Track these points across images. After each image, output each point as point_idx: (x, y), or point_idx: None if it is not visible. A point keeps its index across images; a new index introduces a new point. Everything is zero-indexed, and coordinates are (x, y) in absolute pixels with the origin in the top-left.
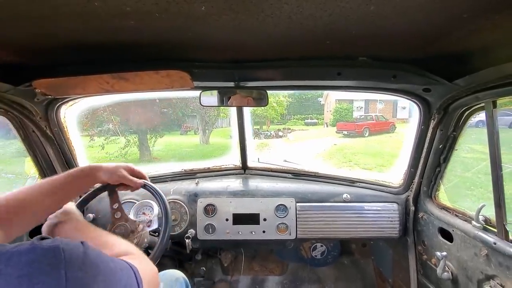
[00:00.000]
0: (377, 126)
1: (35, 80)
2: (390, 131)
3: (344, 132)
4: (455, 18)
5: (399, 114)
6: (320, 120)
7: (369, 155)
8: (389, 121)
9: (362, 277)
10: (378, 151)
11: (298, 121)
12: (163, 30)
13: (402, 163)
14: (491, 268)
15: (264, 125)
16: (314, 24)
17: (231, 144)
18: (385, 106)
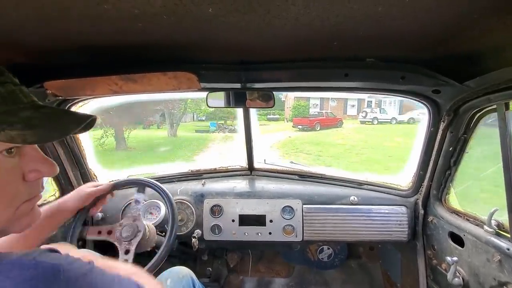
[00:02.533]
0: (327, 122)
1: (46, 81)
2: (338, 125)
3: (299, 127)
4: (465, 18)
5: (349, 111)
6: (281, 116)
7: (314, 144)
8: (337, 117)
9: (369, 281)
10: (321, 141)
11: (261, 116)
12: (171, 32)
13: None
14: (504, 274)
15: (228, 120)
16: (321, 25)
17: (199, 136)
18: (337, 104)
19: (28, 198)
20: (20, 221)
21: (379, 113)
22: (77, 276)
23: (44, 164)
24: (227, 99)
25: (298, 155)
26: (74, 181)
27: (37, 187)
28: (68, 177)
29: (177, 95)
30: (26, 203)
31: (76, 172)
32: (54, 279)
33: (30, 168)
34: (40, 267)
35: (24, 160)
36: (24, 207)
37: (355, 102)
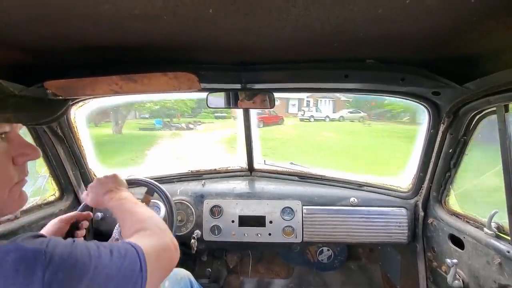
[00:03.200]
0: (269, 119)
1: (46, 81)
2: (279, 123)
3: None
4: (465, 20)
5: (290, 110)
6: (228, 114)
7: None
8: (278, 115)
9: (369, 282)
10: (262, 136)
11: (209, 114)
12: (171, 32)
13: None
14: (504, 277)
15: (175, 117)
16: (321, 27)
17: (145, 134)
18: (280, 103)
19: (18, 181)
20: (12, 203)
21: (315, 111)
22: (62, 255)
23: (29, 148)
24: (227, 100)
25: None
26: (74, 181)
27: (24, 170)
28: (68, 176)
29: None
30: (16, 185)
31: (76, 172)
32: (35, 262)
33: (18, 152)
34: (21, 250)
35: (12, 145)
36: (15, 189)
37: (296, 101)
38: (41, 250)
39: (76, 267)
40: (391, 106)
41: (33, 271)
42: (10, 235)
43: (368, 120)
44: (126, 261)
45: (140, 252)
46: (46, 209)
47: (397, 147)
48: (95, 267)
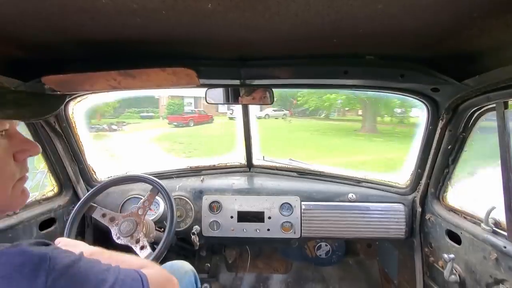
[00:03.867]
0: (199, 118)
1: (44, 76)
2: (210, 122)
3: (174, 123)
4: (464, 17)
5: (220, 109)
6: (156, 113)
7: (187, 136)
8: (208, 115)
9: (367, 277)
10: (193, 134)
11: (133, 114)
12: (170, 27)
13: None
14: (500, 272)
15: (94, 119)
16: (321, 22)
17: None
18: None
19: (20, 177)
20: (16, 199)
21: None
22: (66, 263)
23: (29, 144)
24: (226, 96)
25: (173, 145)
26: (73, 177)
27: (25, 167)
28: (66, 172)
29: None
30: (19, 181)
31: (75, 167)
32: (40, 266)
33: (18, 149)
34: (27, 255)
35: (12, 142)
36: (18, 186)
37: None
38: (45, 254)
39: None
40: (308, 104)
41: (37, 275)
42: (9, 231)
43: (290, 117)
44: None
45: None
46: (45, 204)
47: (305, 138)
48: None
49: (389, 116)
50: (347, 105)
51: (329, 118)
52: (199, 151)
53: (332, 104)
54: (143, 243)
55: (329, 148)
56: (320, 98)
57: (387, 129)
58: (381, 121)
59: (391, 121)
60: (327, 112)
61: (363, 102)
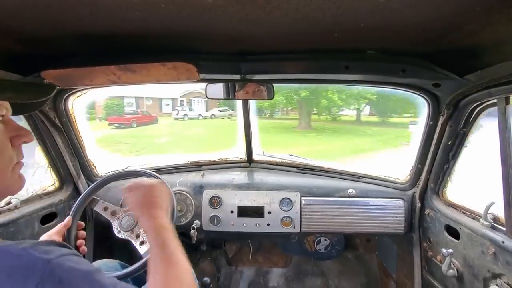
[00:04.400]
0: (143, 119)
1: (43, 70)
2: (154, 122)
3: (115, 124)
4: (467, 11)
5: (164, 109)
6: (92, 115)
7: (130, 137)
8: (152, 115)
9: (366, 272)
10: (137, 135)
11: None
12: (170, 21)
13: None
14: (498, 266)
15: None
16: (322, 16)
17: None
18: (152, 103)
19: (17, 161)
20: (15, 183)
21: (188, 110)
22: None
23: (23, 130)
24: (226, 91)
25: (119, 146)
26: (73, 171)
27: (21, 152)
28: (67, 167)
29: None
30: (16, 165)
31: (75, 162)
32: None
33: (14, 134)
34: (25, 257)
35: (8, 127)
36: (16, 169)
37: (170, 101)
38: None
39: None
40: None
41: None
42: (11, 225)
43: (235, 117)
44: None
45: None
46: (46, 199)
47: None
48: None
49: (325, 115)
50: (288, 104)
51: (273, 117)
52: (147, 150)
53: (274, 104)
54: (143, 238)
55: (267, 142)
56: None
57: (319, 125)
58: (317, 119)
59: (326, 119)
60: (271, 111)
61: (299, 102)
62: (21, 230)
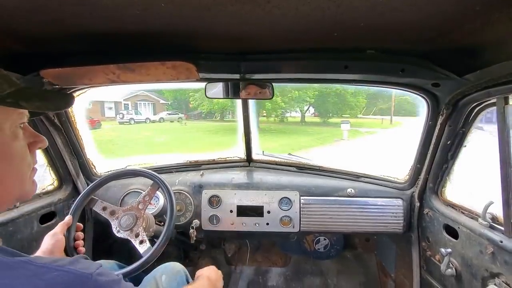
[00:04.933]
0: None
1: (42, 69)
2: (96, 127)
3: None
4: (467, 10)
5: (107, 113)
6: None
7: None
8: (94, 119)
9: (364, 271)
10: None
11: None
12: (169, 20)
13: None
14: (496, 266)
15: None
16: (321, 16)
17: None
18: (93, 107)
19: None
20: (31, 188)
21: (134, 114)
22: (105, 285)
23: (38, 136)
24: (226, 90)
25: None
26: (73, 171)
27: (35, 158)
28: (66, 166)
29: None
30: (32, 171)
31: (75, 161)
32: (82, 286)
33: (30, 140)
34: (71, 273)
35: (26, 134)
36: (32, 175)
37: (112, 104)
38: (88, 275)
39: None
40: (201, 107)
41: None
42: (10, 224)
43: (186, 120)
44: None
45: None
46: (45, 198)
47: (195, 137)
48: None
49: (273, 117)
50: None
51: (223, 120)
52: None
53: (223, 107)
54: (142, 238)
55: (216, 143)
56: (211, 102)
57: (266, 127)
58: (265, 121)
59: (274, 120)
60: (221, 114)
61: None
62: (20, 229)
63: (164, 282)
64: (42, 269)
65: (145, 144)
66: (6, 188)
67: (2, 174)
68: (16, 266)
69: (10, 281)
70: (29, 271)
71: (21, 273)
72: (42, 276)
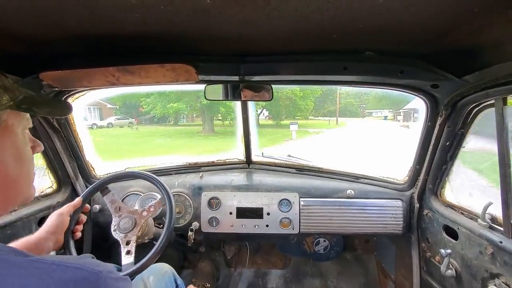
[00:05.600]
0: None
1: (41, 72)
2: None
3: None
4: (465, 12)
5: None
6: None
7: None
8: None
9: (364, 272)
10: None
11: None
12: (169, 22)
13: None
14: (496, 266)
15: None
16: (320, 18)
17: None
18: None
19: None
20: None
21: (82, 119)
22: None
23: (36, 141)
24: (225, 92)
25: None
26: (71, 173)
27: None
28: (65, 168)
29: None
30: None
31: (74, 164)
32: (92, 283)
33: (31, 145)
34: (81, 270)
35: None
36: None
37: None
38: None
39: None
40: (154, 111)
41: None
42: (8, 227)
43: (137, 124)
44: None
45: None
46: (44, 201)
47: (150, 142)
48: None
49: (228, 120)
50: (192, 111)
51: (177, 124)
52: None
53: (177, 111)
54: (131, 248)
55: (173, 146)
56: (165, 106)
57: (222, 130)
58: (220, 124)
59: (229, 123)
60: (175, 118)
61: (201, 109)
62: (18, 232)
63: (152, 283)
64: (52, 266)
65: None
66: (18, 189)
67: (17, 175)
68: (26, 265)
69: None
70: (38, 270)
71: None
72: (52, 274)
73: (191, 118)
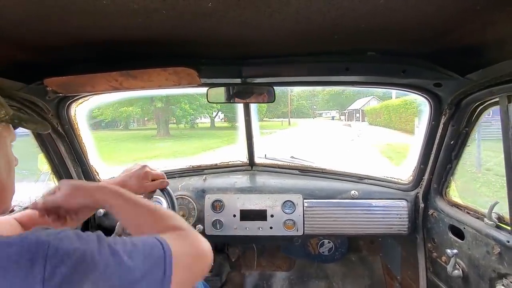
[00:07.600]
0: None
1: (46, 78)
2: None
3: None
4: (468, 10)
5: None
6: None
7: None
8: None
9: (370, 274)
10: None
11: None
12: (171, 27)
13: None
14: (504, 266)
15: None
16: (322, 19)
17: None
18: None
19: None
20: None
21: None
22: (67, 249)
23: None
24: (228, 94)
25: None
26: (76, 178)
27: None
28: (69, 173)
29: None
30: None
31: (78, 168)
32: (38, 254)
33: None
34: (25, 242)
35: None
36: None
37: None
38: (44, 241)
39: (83, 262)
40: (103, 116)
41: (34, 264)
42: None
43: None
44: (146, 263)
45: (168, 255)
46: None
47: (100, 146)
48: (106, 265)
49: (183, 123)
50: (144, 115)
51: (128, 129)
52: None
53: (129, 115)
54: None
55: (130, 149)
56: (116, 110)
57: (177, 133)
58: (175, 127)
59: (184, 126)
60: (125, 123)
61: (156, 112)
62: None
63: None
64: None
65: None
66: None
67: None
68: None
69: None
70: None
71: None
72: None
73: (142, 122)
